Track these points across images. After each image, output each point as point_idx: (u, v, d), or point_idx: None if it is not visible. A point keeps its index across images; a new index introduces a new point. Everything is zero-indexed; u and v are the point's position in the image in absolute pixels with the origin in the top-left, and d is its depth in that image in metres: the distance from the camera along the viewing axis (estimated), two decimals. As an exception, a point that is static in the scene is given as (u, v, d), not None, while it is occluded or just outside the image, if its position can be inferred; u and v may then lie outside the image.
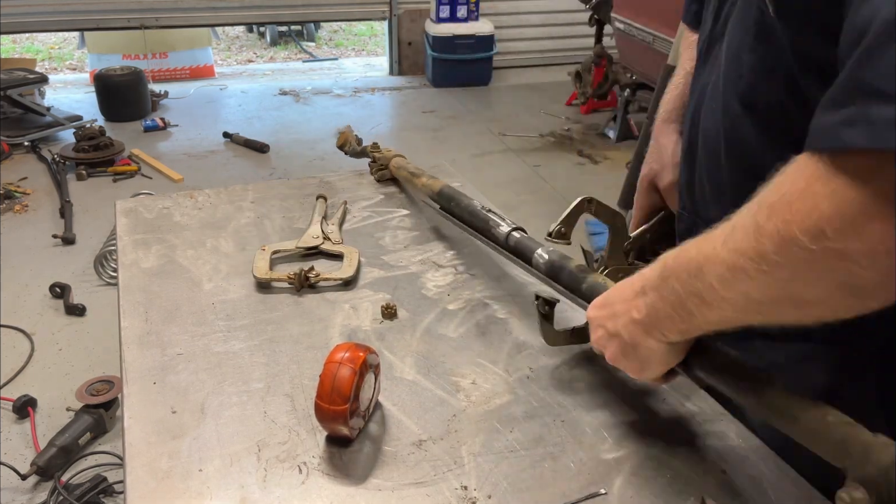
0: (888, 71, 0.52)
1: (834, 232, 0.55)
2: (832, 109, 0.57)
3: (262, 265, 1.23)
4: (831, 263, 0.57)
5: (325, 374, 0.83)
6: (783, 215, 0.58)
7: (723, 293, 0.66)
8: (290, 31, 8.55)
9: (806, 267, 0.58)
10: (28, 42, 8.19)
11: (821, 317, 0.62)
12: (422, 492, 0.81)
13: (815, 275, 0.58)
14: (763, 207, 0.62)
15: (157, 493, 0.80)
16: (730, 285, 0.65)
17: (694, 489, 0.81)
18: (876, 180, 0.53)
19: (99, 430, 2.26)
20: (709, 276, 0.67)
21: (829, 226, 0.55)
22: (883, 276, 0.55)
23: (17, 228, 3.68)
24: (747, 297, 0.64)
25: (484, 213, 1.21)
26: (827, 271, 0.57)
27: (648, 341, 0.77)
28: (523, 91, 6.15)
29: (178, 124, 5.15)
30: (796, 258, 0.58)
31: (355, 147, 1.66)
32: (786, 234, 0.58)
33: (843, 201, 0.54)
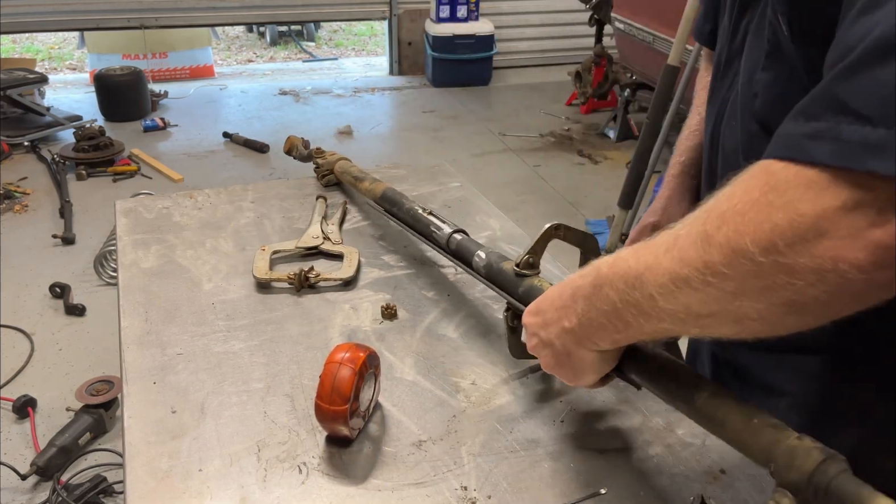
0: (866, 92, 0.51)
1: (786, 245, 0.53)
2: (801, 120, 0.56)
3: (262, 265, 1.23)
4: (779, 278, 0.55)
5: (325, 375, 0.83)
6: (735, 225, 0.56)
7: (662, 304, 0.63)
8: (290, 31, 8.55)
9: (753, 280, 0.56)
10: (28, 42, 8.19)
11: (758, 332, 0.60)
12: (422, 492, 0.81)
13: (761, 289, 0.56)
14: (713, 216, 0.59)
15: (157, 493, 0.80)
16: (671, 296, 0.62)
17: (694, 489, 0.81)
18: (832, 197, 0.52)
19: (99, 430, 2.26)
20: (649, 286, 0.64)
21: (782, 239, 0.53)
22: (826, 295, 0.54)
23: (17, 228, 3.68)
24: (688, 310, 0.62)
25: (425, 217, 1.20)
26: (773, 286, 0.55)
27: (581, 350, 0.76)
28: (523, 91, 6.15)
29: (177, 124, 5.16)
30: (744, 270, 0.56)
31: (302, 151, 1.66)
32: (736, 245, 0.56)
33: (798, 215, 0.53)
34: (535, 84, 6.30)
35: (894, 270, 0.51)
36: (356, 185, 1.45)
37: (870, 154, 0.50)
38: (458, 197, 1.57)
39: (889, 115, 0.50)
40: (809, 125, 0.55)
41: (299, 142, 1.66)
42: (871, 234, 0.51)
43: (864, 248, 0.51)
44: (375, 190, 1.36)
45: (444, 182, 1.64)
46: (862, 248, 0.51)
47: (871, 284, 0.53)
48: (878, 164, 0.50)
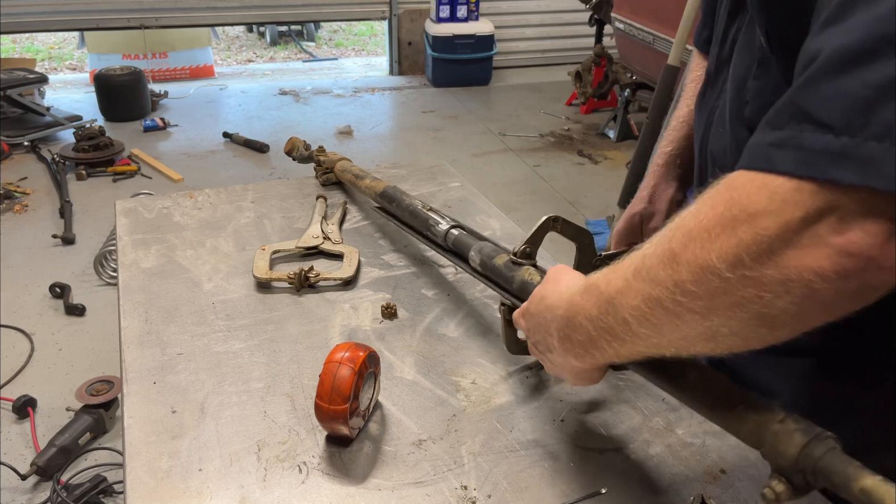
0: (828, 100, 0.52)
1: (751, 259, 0.53)
2: (767, 130, 0.56)
3: (262, 265, 1.23)
4: (747, 292, 0.54)
5: (324, 374, 0.83)
6: (701, 242, 0.56)
7: (636, 328, 0.63)
8: (290, 31, 8.55)
9: (722, 297, 0.56)
10: (28, 42, 8.19)
11: (732, 348, 0.60)
12: (421, 491, 0.81)
13: (731, 305, 0.56)
14: (679, 234, 0.59)
15: (157, 493, 0.80)
16: (644, 319, 0.62)
17: (694, 489, 0.81)
18: (794, 208, 0.52)
19: (99, 430, 2.26)
20: (622, 310, 0.64)
21: (747, 253, 0.53)
22: (795, 307, 0.54)
23: (17, 228, 3.68)
24: (660, 331, 0.61)
25: (424, 213, 1.20)
26: (742, 301, 0.55)
27: (570, 361, 0.75)
28: (523, 91, 6.15)
29: (177, 124, 5.15)
30: (713, 287, 0.56)
31: (303, 152, 1.66)
32: (703, 263, 0.56)
33: (762, 228, 0.53)
34: (535, 84, 6.29)
35: (858, 280, 0.51)
36: (356, 183, 1.45)
37: (832, 163, 0.50)
38: (458, 197, 1.57)
39: (851, 123, 0.50)
40: (774, 134, 0.55)
41: (301, 143, 1.66)
42: (833, 242, 0.51)
43: (827, 258, 0.51)
44: (376, 187, 1.36)
45: (444, 182, 1.64)
46: (825, 258, 0.51)
47: (839, 294, 0.53)
48: (840, 173, 0.50)
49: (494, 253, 1.01)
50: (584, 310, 0.69)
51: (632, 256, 0.64)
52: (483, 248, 1.03)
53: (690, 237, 0.57)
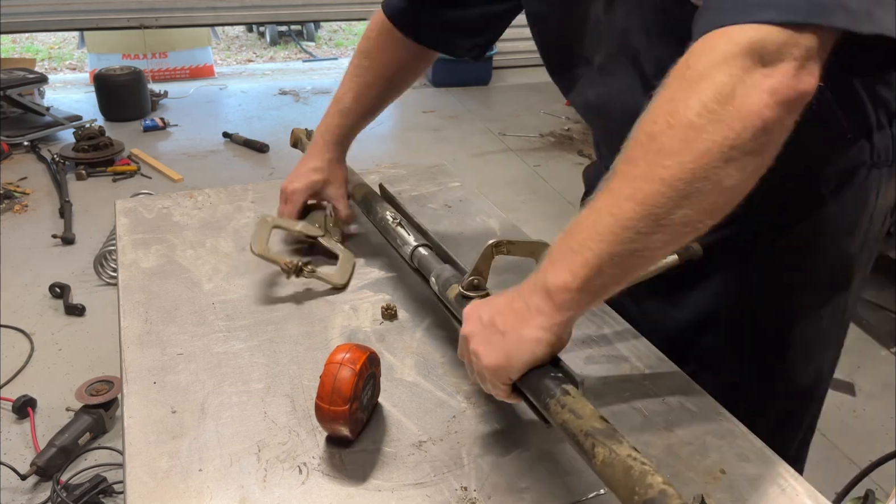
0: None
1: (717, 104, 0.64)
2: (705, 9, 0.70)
3: (262, 239, 1.21)
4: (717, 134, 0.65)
5: (325, 375, 0.83)
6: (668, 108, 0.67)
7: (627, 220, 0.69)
8: (290, 31, 8.54)
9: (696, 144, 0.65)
10: (28, 42, 8.18)
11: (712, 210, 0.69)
12: (422, 492, 0.81)
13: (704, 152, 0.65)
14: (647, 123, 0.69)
15: (157, 493, 0.80)
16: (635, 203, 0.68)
17: (694, 489, 0.81)
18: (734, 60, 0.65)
19: (99, 430, 2.26)
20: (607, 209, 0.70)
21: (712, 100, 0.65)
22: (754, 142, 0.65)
23: (17, 228, 3.68)
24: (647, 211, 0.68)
25: (393, 228, 1.18)
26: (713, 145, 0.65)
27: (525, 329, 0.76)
28: (523, 91, 6.15)
29: (177, 124, 5.15)
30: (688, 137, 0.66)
31: (306, 144, 1.65)
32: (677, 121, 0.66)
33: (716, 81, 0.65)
34: (535, 84, 6.29)
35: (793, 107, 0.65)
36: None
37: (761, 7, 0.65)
38: (458, 197, 1.57)
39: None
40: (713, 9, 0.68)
41: (303, 134, 1.65)
42: (767, 84, 0.64)
43: (767, 94, 0.64)
44: (356, 194, 1.35)
45: (444, 182, 1.64)
46: (766, 94, 0.64)
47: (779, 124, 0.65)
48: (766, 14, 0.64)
49: (449, 283, 0.98)
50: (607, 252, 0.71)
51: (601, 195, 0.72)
52: (441, 274, 1.01)
53: (658, 113, 0.68)
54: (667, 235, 0.69)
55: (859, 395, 2.59)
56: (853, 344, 2.85)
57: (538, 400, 0.76)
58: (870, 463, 1.71)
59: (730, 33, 0.66)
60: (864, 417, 2.50)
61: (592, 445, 0.68)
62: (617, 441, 0.67)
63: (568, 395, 0.73)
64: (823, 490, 0.84)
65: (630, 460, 0.64)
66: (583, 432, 0.69)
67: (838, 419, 2.46)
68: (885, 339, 2.84)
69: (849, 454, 2.32)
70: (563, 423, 0.72)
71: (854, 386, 2.62)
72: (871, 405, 2.55)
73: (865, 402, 2.57)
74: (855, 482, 1.72)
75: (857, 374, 2.68)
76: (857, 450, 2.33)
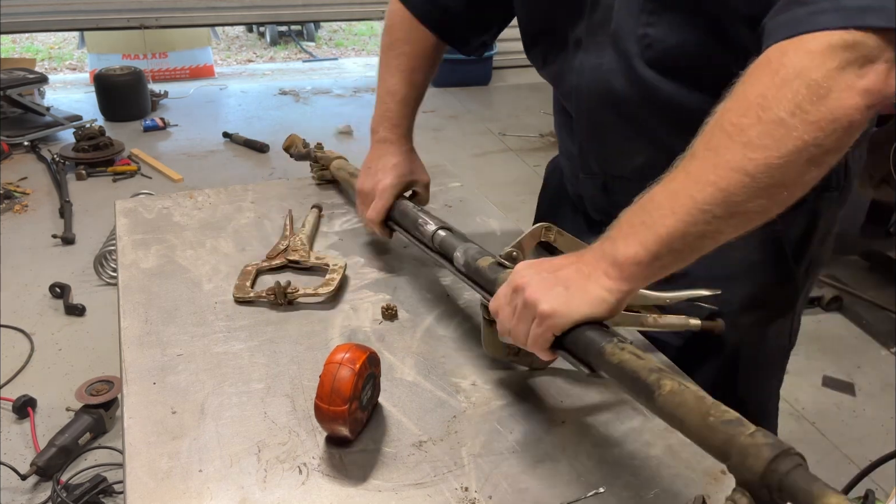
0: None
1: (809, 104, 0.67)
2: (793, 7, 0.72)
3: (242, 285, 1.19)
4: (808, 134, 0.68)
5: (324, 375, 0.83)
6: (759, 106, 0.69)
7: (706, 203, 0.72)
8: (290, 31, 8.54)
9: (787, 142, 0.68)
10: (28, 42, 8.18)
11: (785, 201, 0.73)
12: (422, 493, 0.81)
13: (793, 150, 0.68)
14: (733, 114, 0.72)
15: (157, 494, 0.80)
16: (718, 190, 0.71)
17: (694, 489, 0.81)
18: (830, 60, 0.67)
19: (98, 430, 2.26)
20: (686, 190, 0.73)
21: (805, 100, 0.67)
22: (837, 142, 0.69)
23: (17, 228, 3.68)
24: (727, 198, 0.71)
25: (413, 212, 1.18)
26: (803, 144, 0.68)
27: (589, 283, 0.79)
28: (523, 91, 6.15)
29: (177, 124, 5.15)
30: (780, 136, 0.68)
31: (300, 149, 1.65)
32: (769, 118, 0.68)
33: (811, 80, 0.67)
34: (535, 84, 6.28)
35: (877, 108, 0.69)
36: (351, 181, 1.44)
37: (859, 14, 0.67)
38: (458, 197, 1.57)
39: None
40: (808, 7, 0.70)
41: (299, 141, 1.66)
42: (860, 84, 0.67)
43: (859, 96, 0.67)
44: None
45: (444, 182, 1.64)
46: (857, 96, 0.67)
47: (863, 122, 0.69)
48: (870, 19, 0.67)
49: (479, 255, 0.99)
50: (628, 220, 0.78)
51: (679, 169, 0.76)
52: (468, 250, 1.02)
53: (749, 106, 0.70)
54: (738, 221, 0.74)
55: (859, 395, 2.59)
56: (853, 344, 2.85)
57: (591, 347, 0.77)
58: (870, 463, 1.71)
59: (826, 35, 0.68)
60: (864, 417, 2.50)
61: (658, 379, 0.69)
62: (685, 378, 0.69)
63: (625, 342, 0.76)
64: (823, 490, 0.84)
65: (700, 393, 0.67)
66: (647, 369, 0.71)
67: (838, 419, 2.46)
68: (885, 339, 2.84)
69: (849, 454, 2.32)
70: (620, 362, 0.73)
71: (854, 386, 2.62)
72: (871, 405, 2.55)
73: (865, 402, 2.57)
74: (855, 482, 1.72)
75: (857, 374, 2.68)
76: (857, 450, 2.33)
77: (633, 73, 0.98)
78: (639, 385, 0.71)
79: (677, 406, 0.67)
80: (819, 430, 2.37)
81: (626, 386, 0.73)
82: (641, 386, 0.70)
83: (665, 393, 0.68)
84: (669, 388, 0.68)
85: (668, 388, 0.68)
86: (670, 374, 0.70)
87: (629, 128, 1.05)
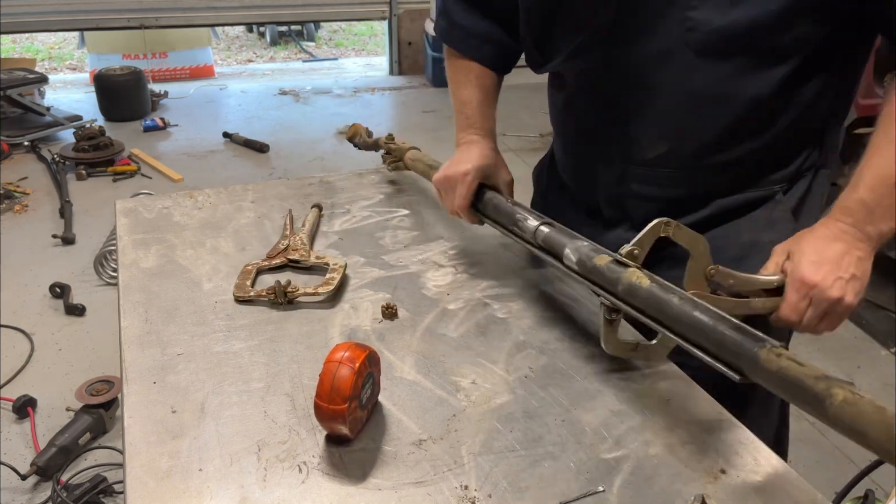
0: None
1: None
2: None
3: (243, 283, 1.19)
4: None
5: (324, 374, 0.83)
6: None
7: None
8: (290, 31, 8.54)
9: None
10: (28, 42, 8.19)
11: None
12: (422, 491, 0.81)
13: None
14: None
15: (157, 493, 0.80)
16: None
17: (694, 489, 0.81)
18: None
19: (99, 430, 2.26)
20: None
21: None
22: None
23: (17, 228, 3.68)
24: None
25: (509, 207, 1.17)
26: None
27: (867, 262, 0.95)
28: (523, 91, 6.11)
29: (177, 124, 5.15)
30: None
31: (366, 139, 1.63)
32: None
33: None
34: (535, 84, 6.26)
35: None
36: (430, 173, 1.41)
37: None
38: (458, 197, 1.57)
39: None
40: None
41: (363, 130, 1.65)
42: None
43: None
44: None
45: (444, 182, 1.64)
46: None
47: None
48: None
49: (594, 252, 0.98)
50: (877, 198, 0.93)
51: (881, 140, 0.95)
52: (580, 248, 1.00)
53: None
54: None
55: (859, 394, 2.59)
56: (853, 344, 2.85)
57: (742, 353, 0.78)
58: (870, 463, 1.70)
59: None
60: (864, 417, 2.50)
61: (828, 387, 0.66)
62: (852, 384, 0.67)
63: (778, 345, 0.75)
64: (823, 490, 0.84)
65: (877, 401, 0.64)
66: (812, 377, 0.69)
67: (838, 419, 2.46)
68: (885, 339, 2.84)
69: (849, 454, 2.32)
70: (780, 370, 0.72)
71: (854, 386, 2.62)
72: (871, 405, 2.55)
73: (865, 401, 2.57)
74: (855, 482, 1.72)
75: (857, 374, 2.68)
76: (857, 450, 2.32)
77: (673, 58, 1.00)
78: (805, 395, 0.67)
79: (856, 417, 0.63)
80: (819, 430, 2.37)
81: (789, 395, 0.70)
82: (809, 396, 0.67)
83: (838, 402, 0.64)
84: (842, 397, 0.64)
85: (840, 398, 0.64)
86: (840, 382, 0.66)
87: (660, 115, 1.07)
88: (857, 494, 1.63)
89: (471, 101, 1.32)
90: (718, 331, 0.80)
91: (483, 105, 1.32)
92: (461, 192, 1.22)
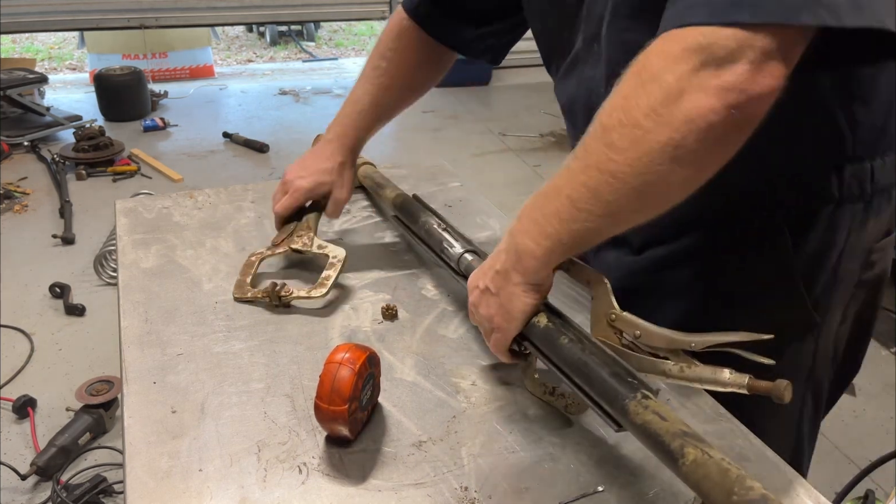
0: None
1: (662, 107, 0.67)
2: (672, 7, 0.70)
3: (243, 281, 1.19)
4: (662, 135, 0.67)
5: (324, 375, 0.83)
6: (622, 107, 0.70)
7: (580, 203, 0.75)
8: (290, 31, 8.54)
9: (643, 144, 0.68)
10: (28, 42, 8.18)
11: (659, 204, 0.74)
12: (422, 492, 0.81)
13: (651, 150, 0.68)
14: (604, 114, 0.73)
15: (157, 493, 0.80)
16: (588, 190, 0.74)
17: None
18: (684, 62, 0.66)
19: (99, 430, 2.26)
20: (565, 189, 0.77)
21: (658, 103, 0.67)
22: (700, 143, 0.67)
23: (17, 228, 3.68)
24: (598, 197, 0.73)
25: (438, 233, 1.15)
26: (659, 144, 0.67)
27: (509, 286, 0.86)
28: (523, 91, 6.15)
29: (177, 124, 5.15)
30: (636, 137, 0.69)
31: None
32: (627, 120, 0.69)
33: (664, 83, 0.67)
34: (535, 84, 6.29)
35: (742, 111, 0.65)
36: (378, 191, 1.42)
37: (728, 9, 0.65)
38: (459, 197, 1.57)
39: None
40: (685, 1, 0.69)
41: None
42: (714, 84, 0.65)
43: (713, 96, 0.65)
44: (394, 198, 1.32)
45: (444, 182, 1.64)
46: (712, 97, 0.65)
47: (730, 126, 0.67)
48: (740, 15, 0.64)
49: None
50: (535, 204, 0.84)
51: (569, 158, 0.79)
52: None
53: (614, 108, 0.72)
54: (615, 220, 0.76)
55: (859, 395, 2.59)
56: (853, 344, 2.85)
57: (614, 402, 0.75)
58: (870, 463, 1.71)
59: (683, 34, 0.67)
60: (864, 417, 2.50)
61: (681, 446, 0.66)
62: (707, 445, 0.66)
63: (649, 398, 0.73)
64: (823, 490, 0.84)
65: (724, 463, 0.63)
66: (670, 433, 0.68)
67: (838, 419, 2.46)
68: (885, 339, 2.84)
69: (849, 454, 2.32)
70: (644, 423, 0.71)
71: (854, 386, 2.62)
72: (871, 405, 2.56)
73: (865, 402, 2.57)
74: (855, 482, 1.72)
75: (857, 374, 2.68)
76: (857, 450, 2.33)
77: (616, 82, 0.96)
78: (663, 450, 0.68)
79: (702, 479, 0.64)
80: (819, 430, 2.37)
81: (652, 449, 0.70)
82: (665, 451, 0.68)
83: (689, 463, 0.65)
84: (693, 457, 0.65)
85: (691, 458, 0.65)
86: (695, 441, 0.66)
87: None
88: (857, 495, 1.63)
89: (358, 102, 1.31)
90: (599, 376, 0.77)
91: (364, 117, 1.30)
92: (286, 203, 1.27)
